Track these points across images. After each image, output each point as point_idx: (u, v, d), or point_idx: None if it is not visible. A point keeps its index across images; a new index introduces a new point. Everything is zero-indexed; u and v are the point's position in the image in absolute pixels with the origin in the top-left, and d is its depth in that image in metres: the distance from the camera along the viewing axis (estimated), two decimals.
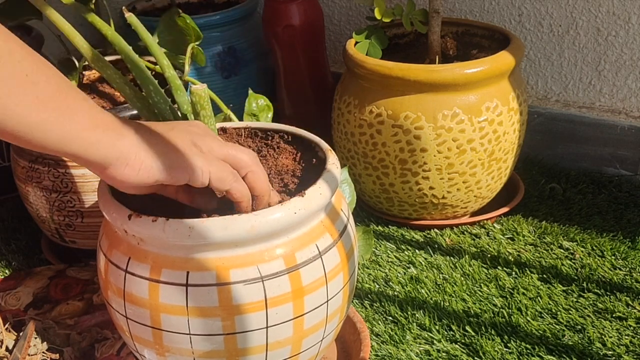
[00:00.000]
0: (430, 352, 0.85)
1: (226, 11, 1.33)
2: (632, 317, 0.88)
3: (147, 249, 0.62)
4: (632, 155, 1.19)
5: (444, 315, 0.90)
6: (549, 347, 0.84)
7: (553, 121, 1.26)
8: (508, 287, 0.95)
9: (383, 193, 1.08)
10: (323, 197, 0.63)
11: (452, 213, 1.09)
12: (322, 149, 0.71)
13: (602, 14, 1.17)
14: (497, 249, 1.03)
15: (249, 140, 0.75)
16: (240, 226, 0.59)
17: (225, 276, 0.60)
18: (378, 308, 0.93)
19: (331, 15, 1.47)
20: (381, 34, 1.10)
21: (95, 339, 0.85)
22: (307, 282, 0.63)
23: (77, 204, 0.94)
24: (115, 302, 0.65)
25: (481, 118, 0.99)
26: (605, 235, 1.05)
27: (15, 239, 1.12)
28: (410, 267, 1.01)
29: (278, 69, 1.35)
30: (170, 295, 0.61)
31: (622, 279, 0.95)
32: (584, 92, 1.24)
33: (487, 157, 1.02)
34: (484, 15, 1.29)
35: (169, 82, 0.69)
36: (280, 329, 0.63)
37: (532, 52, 1.26)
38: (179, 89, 0.69)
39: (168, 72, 0.69)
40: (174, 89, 0.69)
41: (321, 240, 0.64)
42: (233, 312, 0.61)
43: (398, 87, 1.00)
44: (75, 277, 0.97)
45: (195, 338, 0.62)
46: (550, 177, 1.21)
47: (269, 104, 0.98)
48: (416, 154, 1.01)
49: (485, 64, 0.99)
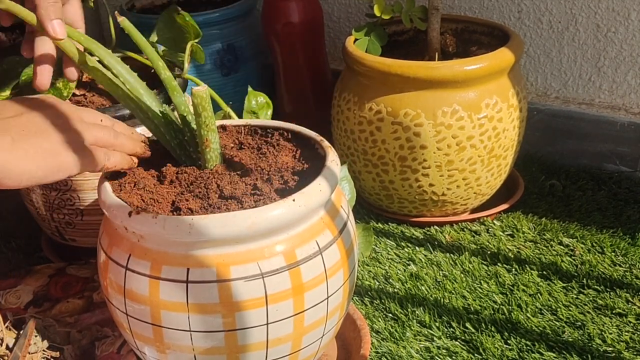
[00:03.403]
0: (430, 349, 0.85)
1: (225, 9, 1.33)
2: (632, 313, 0.88)
3: (147, 246, 0.62)
4: (632, 152, 1.19)
5: (444, 312, 0.90)
6: (549, 344, 0.84)
7: (553, 118, 1.26)
8: (508, 284, 0.95)
9: (383, 190, 1.08)
10: (323, 194, 0.63)
11: (452, 210, 1.09)
12: (321, 146, 0.71)
13: (602, 10, 1.17)
14: (497, 246, 1.03)
15: (248, 138, 0.75)
16: (240, 223, 0.59)
17: (226, 273, 0.60)
18: (378, 305, 0.93)
19: (330, 13, 1.47)
20: (380, 31, 1.10)
21: (95, 337, 0.85)
22: (308, 278, 0.63)
23: (76, 202, 0.94)
24: (116, 299, 0.65)
25: (481, 115, 0.99)
26: (605, 232, 1.05)
27: (15, 237, 1.12)
28: (410, 264, 1.01)
29: (277, 66, 1.35)
30: (171, 292, 0.61)
31: (622, 276, 0.95)
32: (583, 88, 1.24)
33: (486, 154, 1.02)
34: (483, 12, 1.29)
35: (165, 84, 0.69)
36: (281, 325, 0.63)
37: (531, 48, 1.26)
38: (175, 90, 0.69)
39: (164, 74, 0.69)
40: (170, 90, 0.69)
41: (321, 237, 0.64)
42: (233, 308, 0.61)
43: (397, 84, 1.00)
44: (75, 275, 0.97)
45: (195, 335, 0.62)
46: (550, 173, 1.21)
47: (269, 101, 0.98)
48: (416, 151, 1.01)
49: (485, 60, 0.99)
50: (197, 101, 0.64)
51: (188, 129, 0.69)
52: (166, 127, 0.70)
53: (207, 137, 0.66)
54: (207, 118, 0.65)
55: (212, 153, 0.68)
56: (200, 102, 0.64)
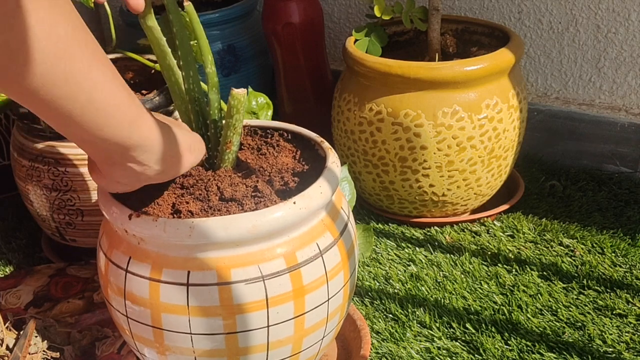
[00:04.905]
0: (430, 350, 0.85)
1: (226, 9, 1.33)
2: (632, 314, 0.89)
3: (147, 249, 0.62)
4: (632, 153, 1.19)
5: (444, 313, 0.90)
6: (549, 344, 0.84)
7: (553, 118, 1.26)
8: (508, 285, 0.95)
9: (383, 191, 1.08)
10: (323, 195, 0.63)
11: (452, 210, 1.09)
12: (322, 147, 0.71)
13: (602, 11, 1.17)
14: (497, 247, 1.03)
15: (248, 138, 0.75)
16: (241, 225, 0.59)
17: (226, 275, 0.60)
18: (378, 306, 0.93)
19: (331, 13, 1.46)
20: (381, 32, 1.10)
21: (95, 338, 0.85)
22: (308, 281, 0.63)
23: (77, 202, 0.94)
24: (116, 301, 0.65)
25: (481, 115, 0.99)
26: (606, 233, 1.05)
27: (16, 238, 1.12)
28: (411, 264, 1.01)
29: (278, 66, 1.35)
30: (171, 294, 0.61)
31: (622, 276, 0.95)
32: (583, 89, 1.24)
33: (487, 155, 1.02)
34: (483, 12, 1.29)
35: (208, 78, 0.68)
36: (281, 328, 0.63)
37: (531, 49, 1.26)
38: (215, 86, 0.68)
39: (210, 68, 0.68)
40: (210, 85, 0.68)
41: (322, 239, 0.64)
42: (234, 311, 0.61)
43: (398, 84, 1.00)
44: (76, 275, 0.97)
45: (196, 337, 0.62)
46: (550, 174, 1.21)
47: (269, 101, 0.98)
48: (416, 152, 1.01)
49: (485, 61, 0.98)
50: (233, 102, 0.63)
51: (214, 126, 0.69)
52: (197, 115, 0.69)
53: (232, 139, 0.66)
54: (238, 121, 0.65)
55: (230, 155, 0.68)
56: (236, 105, 0.64)
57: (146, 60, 0.98)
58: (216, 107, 0.69)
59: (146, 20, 0.64)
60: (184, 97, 0.69)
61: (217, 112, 0.69)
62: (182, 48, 0.67)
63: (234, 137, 0.66)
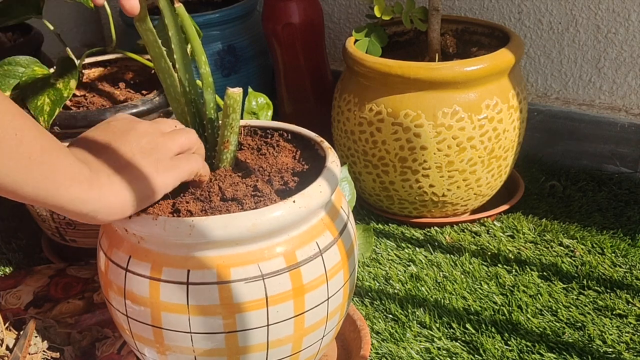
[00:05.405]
0: (430, 350, 0.85)
1: (226, 9, 1.33)
2: (632, 314, 0.88)
3: (147, 248, 0.62)
4: (632, 153, 1.19)
5: (444, 313, 0.90)
6: (549, 345, 0.84)
7: (553, 119, 1.26)
8: (508, 285, 0.95)
9: (383, 191, 1.08)
10: (323, 195, 0.63)
11: (452, 211, 1.09)
12: (321, 146, 0.71)
13: (602, 11, 1.17)
14: (497, 247, 1.03)
15: (248, 139, 0.75)
16: (241, 224, 0.59)
17: (226, 274, 0.60)
18: (378, 306, 0.93)
19: (331, 13, 1.47)
20: (381, 32, 1.10)
21: (95, 338, 0.85)
22: (308, 280, 0.63)
23: None
24: (116, 300, 0.65)
25: (481, 116, 0.99)
26: (606, 233, 1.05)
27: (16, 238, 1.12)
28: (411, 265, 1.01)
29: (278, 67, 1.35)
30: (171, 293, 0.61)
31: (622, 277, 0.95)
32: (583, 89, 1.24)
33: (487, 155, 1.02)
34: (483, 12, 1.29)
35: (202, 78, 0.68)
36: (281, 327, 0.63)
37: (531, 49, 1.26)
38: (210, 87, 0.68)
39: (204, 69, 0.68)
40: (205, 86, 0.68)
41: (321, 238, 0.64)
42: (234, 310, 0.61)
43: (398, 85, 1.00)
44: (76, 275, 0.97)
45: (196, 336, 0.62)
46: (550, 174, 1.21)
47: (269, 102, 0.98)
48: (416, 152, 1.01)
49: (485, 61, 0.99)
50: (229, 102, 0.63)
51: (211, 126, 0.69)
52: (193, 116, 0.69)
53: (229, 138, 0.66)
54: (234, 120, 0.65)
55: (228, 154, 0.68)
56: (232, 104, 0.64)
57: (146, 61, 0.98)
58: (212, 107, 0.69)
59: (141, 23, 0.64)
60: (179, 99, 0.69)
61: (213, 112, 0.69)
62: (177, 50, 0.67)
63: (231, 136, 0.66)
